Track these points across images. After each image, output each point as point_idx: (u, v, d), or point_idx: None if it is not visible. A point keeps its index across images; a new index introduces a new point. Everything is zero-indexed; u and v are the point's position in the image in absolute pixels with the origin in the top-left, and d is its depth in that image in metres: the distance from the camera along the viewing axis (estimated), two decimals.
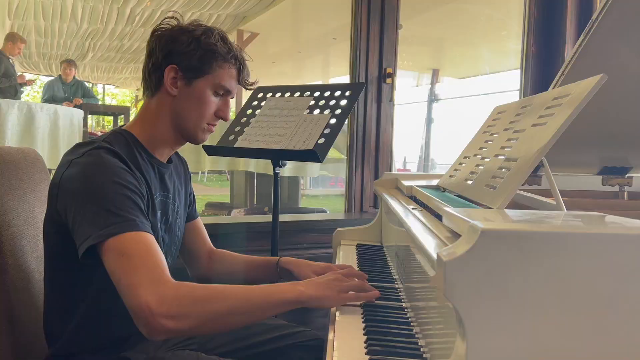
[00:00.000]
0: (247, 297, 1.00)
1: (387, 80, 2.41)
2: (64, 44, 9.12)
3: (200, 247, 1.47)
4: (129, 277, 0.95)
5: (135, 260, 0.96)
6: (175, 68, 1.18)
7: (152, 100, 1.23)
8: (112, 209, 1.01)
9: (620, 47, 1.23)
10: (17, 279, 1.23)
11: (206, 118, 1.22)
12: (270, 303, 1.01)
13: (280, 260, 1.38)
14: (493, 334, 0.59)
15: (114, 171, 1.06)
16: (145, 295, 0.92)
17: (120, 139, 1.18)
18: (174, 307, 0.92)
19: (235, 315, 1.00)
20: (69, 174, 1.08)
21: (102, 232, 0.98)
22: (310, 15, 7.98)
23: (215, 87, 1.21)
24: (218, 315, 0.97)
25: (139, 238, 1.00)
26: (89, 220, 1.01)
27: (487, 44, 7.41)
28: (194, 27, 1.20)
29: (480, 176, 1.09)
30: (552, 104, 0.99)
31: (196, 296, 0.96)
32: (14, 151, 1.35)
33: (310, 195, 8.75)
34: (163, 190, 1.25)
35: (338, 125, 1.61)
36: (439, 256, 0.61)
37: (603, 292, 0.59)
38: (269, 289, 1.03)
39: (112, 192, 1.03)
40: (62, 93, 6.22)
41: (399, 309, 1.12)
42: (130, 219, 1.01)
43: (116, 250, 0.97)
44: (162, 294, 0.92)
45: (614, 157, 1.38)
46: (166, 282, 0.95)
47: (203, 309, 0.96)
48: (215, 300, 0.97)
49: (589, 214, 0.77)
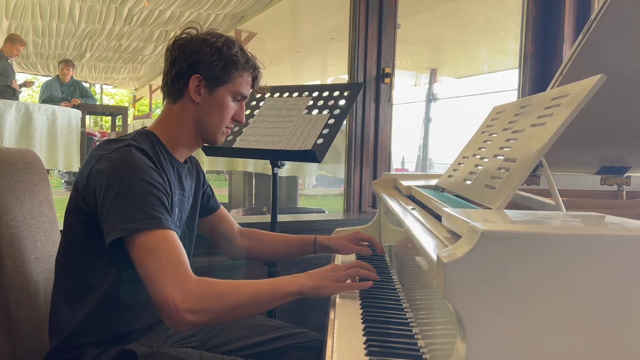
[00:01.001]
0: (258, 292, 1.10)
1: (385, 80, 2.40)
2: (61, 44, 9.10)
3: (230, 230, 1.59)
4: (156, 274, 1.04)
5: (162, 258, 1.05)
6: (199, 77, 1.26)
7: (175, 105, 1.30)
8: (141, 205, 1.08)
9: (618, 46, 1.22)
10: (16, 280, 1.23)
11: (226, 122, 1.32)
12: (277, 296, 1.11)
13: (317, 239, 1.56)
14: (493, 335, 0.59)
15: (143, 169, 1.13)
16: (171, 292, 1.02)
17: (146, 138, 1.25)
18: (197, 303, 1.03)
19: (247, 307, 1.10)
20: (100, 167, 1.14)
21: (129, 227, 1.06)
22: (308, 15, 7.98)
23: (234, 94, 1.30)
24: (233, 309, 1.08)
25: (165, 236, 1.08)
26: (116, 213, 1.08)
27: (485, 43, 7.42)
28: (215, 39, 1.28)
29: (479, 176, 1.09)
30: (551, 104, 0.99)
31: (215, 292, 1.07)
32: (12, 152, 1.35)
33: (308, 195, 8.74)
34: (181, 189, 1.32)
35: (337, 125, 1.61)
36: (439, 257, 0.61)
37: (603, 293, 0.59)
38: (275, 283, 1.13)
39: (141, 190, 1.11)
40: (60, 93, 6.20)
41: (398, 309, 1.12)
42: (157, 216, 1.09)
43: (144, 246, 1.06)
44: (187, 290, 1.03)
45: (613, 156, 1.38)
46: (189, 279, 1.05)
47: (221, 303, 1.07)
48: (231, 296, 1.08)
49: (589, 214, 0.77)
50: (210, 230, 1.57)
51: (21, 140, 3.83)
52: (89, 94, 6.83)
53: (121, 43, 9.15)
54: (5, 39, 5.81)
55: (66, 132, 4.32)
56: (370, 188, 2.44)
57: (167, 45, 1.31)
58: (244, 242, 1.59)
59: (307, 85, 1.80)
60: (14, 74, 5.76)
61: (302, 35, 9.04)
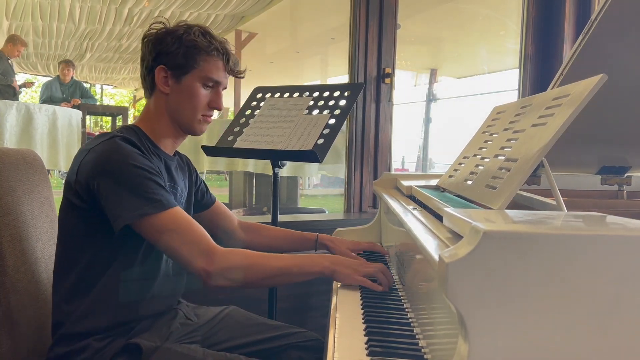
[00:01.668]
0: (285, 267, 1.20)
1: (385, 80, 2.40)
2: (61, 45, 9.11)
3: (229, 223, 1.62)
4: (183, 252, 1.13)
5: (182, 236, 1.14)
6: (164, 68, 1.28)
7: (151, 100, 1.33)
8: (140, 191, 1.13)
9: (619, 47, 1.22)
10: (17, 281, 1.23)
11: (199, 110, 1.31)
12: (301, 273, 1.21)
13: (319, 237, 1.59)
14: (495, 334, 0.59)
15: (131, 156, 1.16)
16: (202, 265, 1.13)
17: (131, 132, 1.27)
18: (228, 272, 1.15)
19: (273, 279, 1.24)
20: (88, 160, 1.17)
21: (135, 213, 1.11)
22: (308, 15, 7.98)
23: (203, 80, 1.29)
24: (261, 279, 1.20)
25: (174, 214, 1.15)
26: (118, 202, 1.12)
27: (485, 43, 7.42)
28: (176, 27, 1.29)
29: (480, 176, 1.09)
30: (552, 104, 0.99)
31: (244, 264, 1.18)
32: (13, 153, 1.35)
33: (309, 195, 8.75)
34: (170, 180, 1.33)
35: (337, 125, 1.61)
36: (441, 257, 0.61)
37: (605, 293, 0.59)
38: (302, 261, 1.22)
39: (135, 176, 1.14)
40: (60, 94, 6.21)
41: (399, 309, 1.12)
42: (158, 199, 1.14)
43: (159, 229, 1.13)
44: (216, 262, 1.13)
45: (613, 156, 1.38)
46: (216, 250, 1.15)
47: (250, 274, 1.18)
48: (257, 267, 1.19)
49: (590, 214, 0.77)
50: (210, 225, 1.57)
51: (22, 140, 3.83)
52: (89, 94, 6.83)
53: (121, 43, 9.16)
54: (6, 40, 5.82)
55: (67, 133, 4.32)
56: (370, 188, 2.44)
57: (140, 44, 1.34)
58: (244, 236, 1.62)
59: (307, 85, 1.80)
60: (14, 74, 5.76)
61: (302, 36, 9.05)
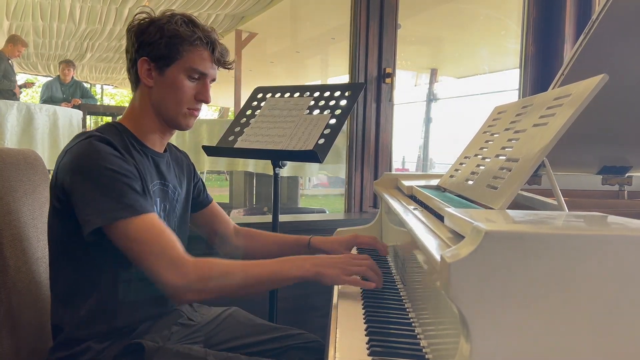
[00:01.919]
0: (257, 275, 1.12)
1: (386, 80, 2.40)
2: (62, 45, 9.11)
3: (224, 227, 1.56)
4: (150, 262, 1.06)
5: (150, 245, 1.07)
6: (147, 60, 1.23)
7: (135, 94, 1.29)
8: (112, 195, 1.08)
9: (620, 47, 1.23)
10: (18, 280, 1.23)
11: (185, 103, 1.26)
12: (278, 279, 1.13)
13: (312, 240, 1.49)
14: (497, 334, 0.59)
15: (106, 158, 1.11)
16: (169, 277, 1.05)
17: (112, 130, 1.23)
18: (195, 284, 1.06)
19: (246, 289, 1.12)
20: (65, 161, 1.14)
21: (105, 217, 1.06)
22: (308, 15, 7.98)
23: (188, 71, 1.24)
24: (231, 289, 1.11)
25: (146, 221, 1.09)
26: (90, 205, 1.08)
27: (485, 43, 7.42)
28: (159, 17, 1.24)
29: (481, 176, 1.09)
30: (553, 104, 0.99)
31: (213, 274, 1.09)
32: (14, 152, 1.35)
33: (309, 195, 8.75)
34: (160, 178, 1.29)
35: (338, 125, 1.61)
36: (443, 257, 0.61)
37: (607, 293, 0.59)
38: (278, 266, 1.13)
39: (108, 179, 1.09)
40: (60, 94, 6.21)
41: (400, 309, 1.12)
42: (130, 204, 1.08)
43: (128, 236, 1.07)
44: (184, 274, 1.05)
45: (614, 156, 1.38)
46: (185, 261, 1.07)
47: (219, 284, 1.09)
48: (230, 276, 1.10)
49: (591, 214, 0.77)
50: (205, 227, 1.55)
51: (23, 140, 3.83)
52: (89, 94, 6.83)
53: (122, 43, 9.12)
54: (6, 40, 5.81)
55: (68, 133, 4.33)
56: (371, 188, 2.44)
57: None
58: (239, 242, 1.56)
59: (308, 85, 1.80)
60: (14, 74, 5.76)
61: (303, 36, 9.05)
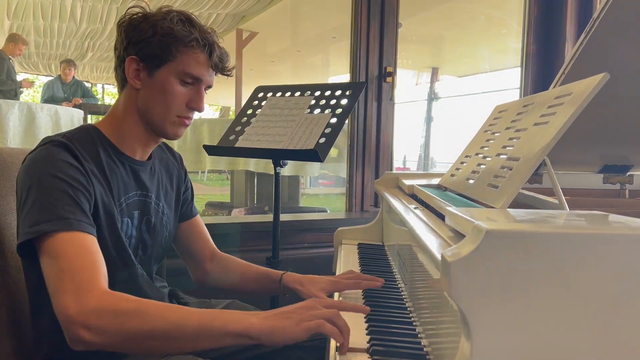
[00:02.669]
0: (181, 321, 0.87)
1: (387, 79, 2.41)
2: (63, 44, 9.12)
3: (200, 248, 1.40)
4: (54, 281, 0.90)
5: (62, 262, 0.91)
6: (136, 59, 1.11)
7: (121, 96, 1.17)
8: (47, 205, 0.96)
9: (621, 45, 1.22)
10: (19, 280, 1.23)
11: (174, 110, 1.13)
12: (209, 333, 0.87)
13: (284, 276, 1.29)
14: (498, 333, 0.59)
15: (56, 165, 1.01)
16: (66, 301, 0.86)
17: (83, 135, 1.12)
18: (93, 318, 0.85)
19: (162, 340, 0.87)
20: (21, 168, 1.06)
21: (32, 230, 0.94)
22: (309, 15, 7.98)
23: (180, 75, 1.12)
24: (140, 336, 0.86)
25: (71, 238, 0.94)
26: (24, 215, 0.97)
27: (486, 42, 7.42)
28: (153, 13, 1.13)
29: (482, 175, 1.09)
30: (554, 103, 0.99)
31: (119, 309, 0.87)
32: (16, 152, 1.35)
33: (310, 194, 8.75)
34: (140, 189, 1.19)
35: (339, 124, 1.61)
36: (444, 256, 0.61)
37: (607, 291, 0.59)
38: (214, 316, 0.89)
39: (50, 187, 0.98)
40: (61, 93, 6.21)
41: (401, 308, 1.12)
42: (64, 216, 0.95)
43: (46, 250, 0.93)
44: (83, 302, 0.86)
45: (615, 155, 1.38)
46: (91, 289, 0.88)
47: (123, 325, 0.86)
48: (139, 318, 0.86)
49: (593, 213, 0.77)
50: (182, 243, 1.39)
51: (25, 140, 3.83)
52: (90, 93, 6.84)
53: None
54: (6, 39, 5.81)
55: None
56: (372, 187, 2.44)
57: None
58: (211, 267, 1.39)
59: (309, 84, 1.80)
60: (15, 74, 5.76)
61: (303, 35, 9.05)
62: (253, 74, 10.07)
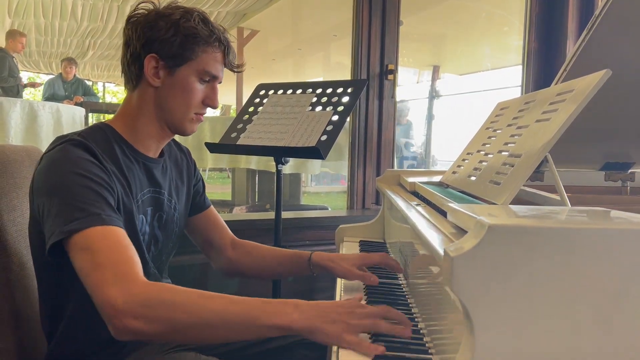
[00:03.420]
0: (228, 313, 0.88)
1: (388, 77, 2.41)
2: (64, 42, 9.11)
3: (220, 237, 1.42)
4: (94, 274, 0.89)
5: (100, 255, 0.91)
6: (156, 57, 1.12)
7: (134, 93, 1.17)
8: (75, 203, 0.96)
9: (623, 42, 1.22)
10: (22, 277, 1.23)
11: (193, 108, 1.16)
12: (253, 324, 0.87)
13: (313, 255, 1.31)
14: (501, 328, 0.60)
15: (78, 163, 1.01)
16: (110, 292, 0.86)
17: (98, 133, 1.13)
18: (141, 308, 0.86)
19: (208, 330, 0.88)
20: (39, 168, 1.05)
21: (65, 229, 0.94)
22: (310, 12, 7.98)
23: (200, 74, 1.15)
24: (185, 326, 0.87)
25: (105, 233, 0.94)
26: (53, 215, 0.97)
27: (488, 40, 7.41)
28: (171, 11, 1.13)
29: (483, 172, 1.09)
30: (555, 100, 0.99)
31: (166, 300, 0.87)
32: (18, 149, 1.35)
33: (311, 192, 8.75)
34: (153, 186, 1.21)
35: (340, 122, 1.61)
36: (446, 252, 0.61)
37: (609, 287, 0.59)
38: (258, 307, 0.88)
39: (75, 185, 0.98)
40: (62, 91, 6.22)
41: (403, 304, 1.12)
42: (94, 212, 0.96)
43: (80, 246, 0.93)
44: (129, 291, 0.86)
45: (617, 152, 1.38)
46: (134, 279, 0.89)
47: (170, 315, 0.86)
48: (186, 309, 0.87)
49: (594, 209, 0.78)
50: (199, 235, 1.42)
51: (27, 137, 3.84)
52: (91, 92, 6.85)
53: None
54: (5, 37, 5.80)
55: (71, 130, 4.31)
56: (373, 185, 2.44)
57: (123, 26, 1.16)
58: (235, 255, 1.41)
59: (310, 82, 1.80)
60: (18, 71, 5.76)
61: (304, 33, 9.05)
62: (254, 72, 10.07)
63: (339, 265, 1.25)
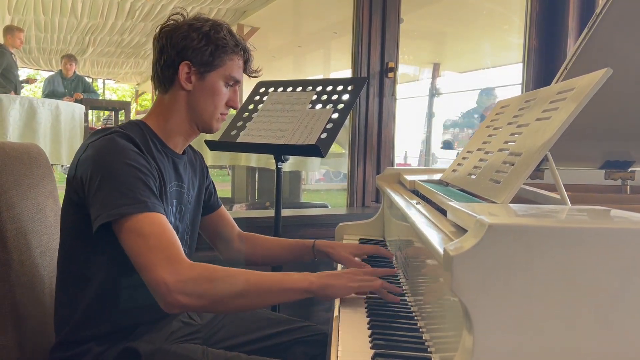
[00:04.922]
0: (259, 282, 1.07)
1: (389, 75, 2.40)
2: (64, 39, 9.10)
3: (229, 232, 1.55)
4: (147, 256, 1.03)
5: (151, 240, 1.04)
6: (189, 64, 1.25)
7: (167, 95, 1.29)
8: (125, 190, 1.08)
9: (623, 41, 1.22)
10: (22, 274, 1.24)
11: (220, 108, 1.31)
12: (281, 290, 1.08)
13: (316, 243, 1.48)
14: (500, 327, 0.59)
15: (126, 154, 1.13)
16: (162, 273, 1.00)
17: (135, 128, 1.24)
18: (190, 285, 1.01)
19: (246, 298, 1.07)
20: (85, 156, 1.15)
21: (114, 212, 1.05)
22: (310, 10, 7.96)
23: (226, 79, 1.29)
24: (230, 297, 1.05)
25: (152, 219, 1.07)
26: (101, 199, 1.08)
27: (488, 37, 7.40)
28: (202, 23, 1.26)
29: (483, 171, 1.09)
30: (556, 98, 0.99)
31: (210, 276, 1.04)
32: (17, 147, 1.35)
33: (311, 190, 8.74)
34: (177, 180, 1.31)
35: (340, 120, 1.61)
36: (446, 250, 0.61)
37: (609, 286, 0.59)
38: (281, 276, 1.11)
39: (125, 174, 1.10)
40: (62, 88, 6.21)
41: (403, 303, 1.12)
42: (142, 200, 1.08)
43: (131, 230, 1.05)
44: (178, 271, 1.01)
45: (617, 151, 1.38)
46: (182, 260, 1.04)
47: (215, 289, 1.03)
48: (228, 282, 1.05)
49: (594, 208, 0.78)
50: (210, 230, 1.54)
51: (25, 134, 3.83)
52: (91, 88, 6.84)
53: (123, 38, 9.15)
54: (2, 33, 5.76)
55: (70, 127, 4.33)
56: (373, 183, 2.44)
57: (155, 34, 1.29)
58: (241, 247, 1.56)
59: (311, 79, 1.80)
60: (17, 68, 5.74)
61: (305, 30, 9.03)
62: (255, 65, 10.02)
63: (337, 252, 1.44)
